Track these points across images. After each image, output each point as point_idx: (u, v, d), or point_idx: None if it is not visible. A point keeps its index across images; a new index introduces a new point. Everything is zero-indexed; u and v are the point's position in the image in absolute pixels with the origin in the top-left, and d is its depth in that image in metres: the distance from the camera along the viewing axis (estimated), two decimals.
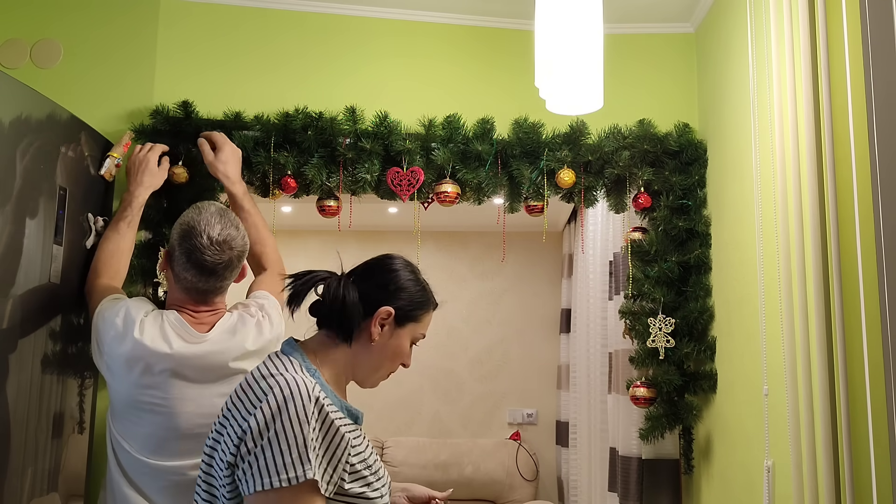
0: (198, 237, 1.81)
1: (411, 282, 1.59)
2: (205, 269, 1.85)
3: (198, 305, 1.98)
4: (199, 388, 1.94)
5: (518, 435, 4.91)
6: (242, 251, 1.96)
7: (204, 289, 1.91)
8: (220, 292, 1.99)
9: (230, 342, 2.00)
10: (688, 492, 2.78)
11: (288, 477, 1.23)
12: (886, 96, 1.41)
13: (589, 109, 2.18)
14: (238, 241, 1.92)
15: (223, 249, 1.86)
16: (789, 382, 1.93)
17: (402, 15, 2.89)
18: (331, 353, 1.50)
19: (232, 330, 2.02)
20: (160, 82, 2.73)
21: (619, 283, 2.99)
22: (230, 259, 1.90)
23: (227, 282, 1.97)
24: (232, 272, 1.93)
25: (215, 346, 1.98)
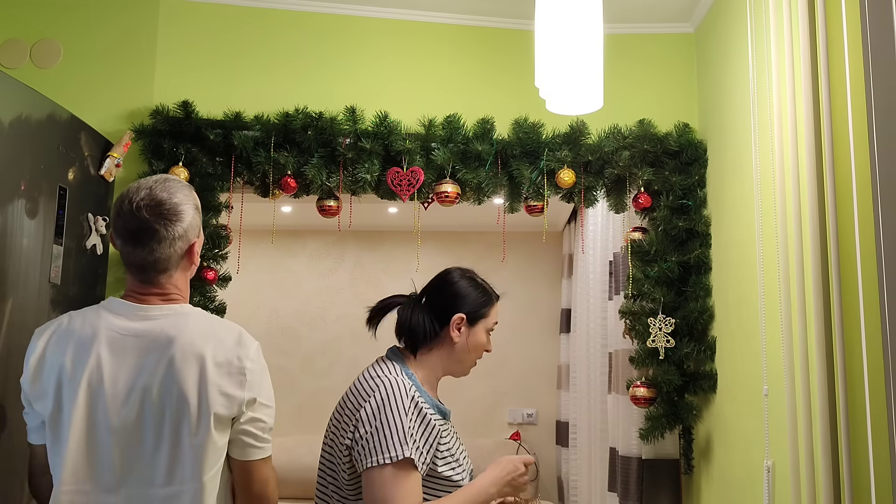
0: (121, 202, 1.54)
1: (471, 287, 1.91)
2: (127, 237, 1.54)
3: (141, 286, 1.59)
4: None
5: (518, 435, 4.91)
6: (175, 218, 1.54)
7: (134, 262, 1.56)
8: (159, 270, 1.57)
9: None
10: (688, 492, 2.78)
11: (391, 455, 1.61)
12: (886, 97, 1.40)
13: (589, 109, 2.18)
14: (168, 206, 1.54)
15: (143, 214, 1.51)
16: (789, 383, 1.93)
17: (402, 15, 2.89)
18: (424, 358, 1.86)
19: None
20: (160, 82, 2.73)
21: (619, 283, 2.99)
22: (151, 227, 1.52)
23: (162, 255, 1.55)
24: (161, 243, 1.53)
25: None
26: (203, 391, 1.49)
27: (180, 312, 1.58)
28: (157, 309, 1.57)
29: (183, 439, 1.49)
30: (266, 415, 1.58)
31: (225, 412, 1.50)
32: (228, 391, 1.51)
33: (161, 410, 1.49)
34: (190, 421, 1.48)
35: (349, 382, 2.10)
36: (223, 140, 2.63)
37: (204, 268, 2.60)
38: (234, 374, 1.52)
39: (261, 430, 1.57)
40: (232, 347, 1.54)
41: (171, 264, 1.59)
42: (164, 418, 1.49)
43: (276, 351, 5.03)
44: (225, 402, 1.50)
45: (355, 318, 5.06)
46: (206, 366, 1.50)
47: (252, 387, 1.54)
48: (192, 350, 1.51)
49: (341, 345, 5.06)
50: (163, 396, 1.49)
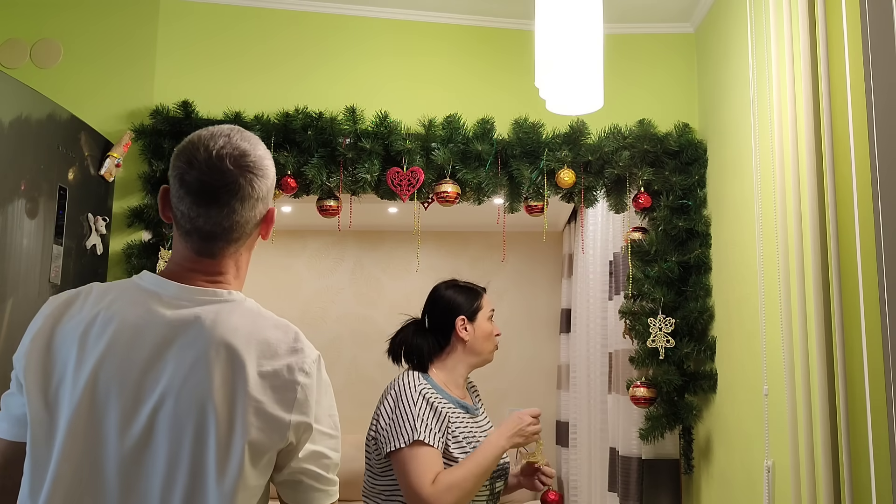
0: (194, 150, 1.21)
1: (457, 293, 2.18)
2: (202, 193, 1.19)
3: (197, 260, 1.24)
4: None
5: None
6: (260, 173, 1.24)
7: (202, 228, 1.21)
8: (232, 239, 1.24)
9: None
10: (688, 492, 2.78)
11: (405, 439, 1.89)
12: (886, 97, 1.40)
13: (589, 109, 2.18)
14: (253, 157, 1.23)
15: (226, 164, 1.20)
16: (789, 383, 1.93)
17: (402, 15, 2.89)
18: (441, 364, 2.12)
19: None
20: (160, 82, 2.73)
21: (619, 283, 2.99)
22: (236, 181, 1.20)
23: (241, 219, 1.23)
24: (244, 203, 1.21)
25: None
26: (235, 407, 1.12)
27: (228, 299, 1.21)
28: (202, 293, 1.21)
29: (205, 476, 1.11)
30: (329, 447, 1.21)
31: (263, 439, 1.13)
32: (270, 410, 1.13)
33: (178, 432, 1.11)
34: (216, 449, 1.11)
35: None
36: None
37: None
38: (280, 389, 1.15)
39: (324, 468, 1.21)
40: (284, 353, 1.18)
41: (246, 232, 1.26)
42: (181, 443, 1.11)
43: None
44: (263, 425, 1.13)
45: (355, 318, 5.06)
46: (245, 374, 1.14)
47: (303, 407, 1.16)
48: (229, 351, 1.15)
49: (341, 345, 5.06)
50: (184, 413, 1.12)
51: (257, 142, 1.27)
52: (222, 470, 1.11)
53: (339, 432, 1.24)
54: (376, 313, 5.08)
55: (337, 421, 1.24)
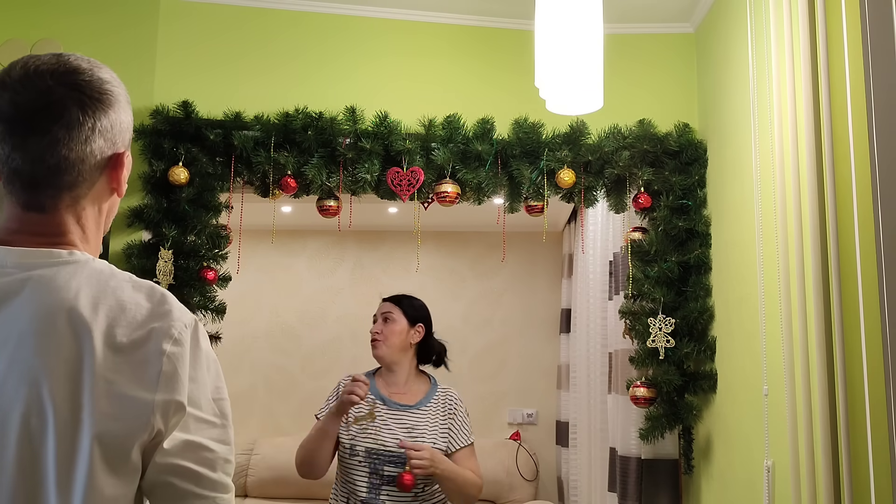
0: (10, 68, 0.95)
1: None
2: (15, 121, 0.91)
3: (24, 215, 0.96)
4: None
5: (518, 435, 4.91)
6: (99, 97, 0.98)
7: (18, 169, 0.93)
8: (62, 189, 0.95)
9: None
10: (688, 492, 2.78)
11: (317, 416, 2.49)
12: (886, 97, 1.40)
13: (589, 109, 2.18)
14: (88, 77, 0.98)
15: (46, 81, 0.93)
16: (789, 383, 1.93)
17: (402, 15, 2.89)
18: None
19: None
20: (160, 82, 2.73)
21: (619, 283, 2.99)
22: (60, 101, 0.93)
23: (71, 155, 0.94)
24: (72, 132, 0.93)
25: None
26: (81, 391, 0.85)
27: (68, 260, 0.93)
28: (33, 254, 0.92)
29: (42, 486, 0.83)
30: (212, 437, 0.92)
31: (119, 430, 0.86)
32: (127, 391, 0.87)
33: (1, 432, 0.84)
34: (56, 449, 0.84)
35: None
36: (223, 140, 2.63)
37: (204, 268, 2.60)
38: (139, 364, 0.88)
39: (205, 464, 0.91)
40: (145, 319, 0.90)
41: (83, 177, 0.95)
42: (5, 447, 0.84)
43: (276, 351, 5.03)
44: (118, 411, 0.86)
45: (355, 318, 5.06)
46: (92, 347, 0.86)
47: (171, 383, 0.89)
48: (70, 320, 0.87)
49: (341, 345, 5.06)
50: (7, 404, 0.84)
51: (103, 67, 1.04)
52: (66, 477, 0.83)
53: (228, 420, 0.95)
54: None
55: (225, 407, 0.95)
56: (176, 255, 2.54)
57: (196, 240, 2.58)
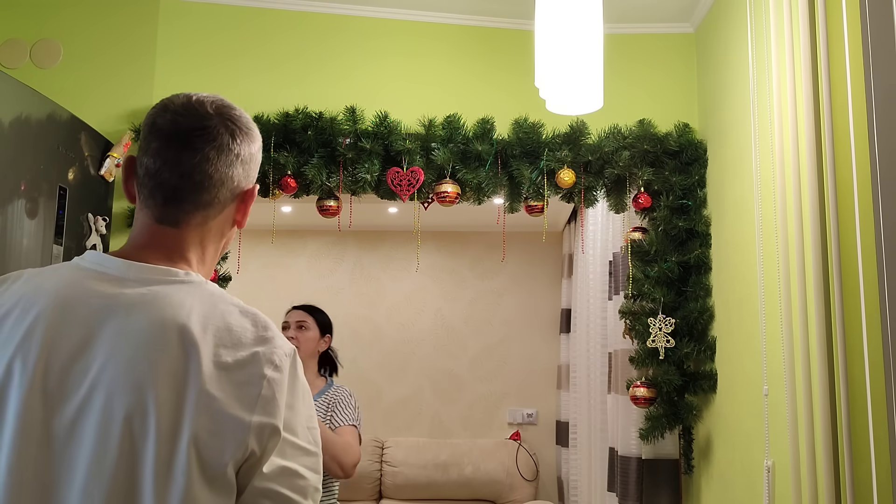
0: (171, 98, 1.06)
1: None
2: (171, 136, 1.01)
3: (155, 228, 1.04)
4: None
5: (518, 435, 4.91)
6: (246, 131, 1.08)
7: (171, 183, 1.01)
8: (199, 206, 1.03)
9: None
10: (688, 492, 2.78)
11: None
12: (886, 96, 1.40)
13: (589, 109, 2.18)
14: (239, 114, 1.09)
15: (206, 109, 1.04)
16: (789, 382, 1.93)
17: (402, 15, 2.89)
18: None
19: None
20: (160, 82, 2.73)
21: (619, 283, 2.99)
22: (216, 127, 1.03)
23: (213, 177, 1.03)
24: (221, 155, 1.03)
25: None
26: (184, 404, 0.89)
27: (185, 280, 0.99)
28: (155, 270, 0.99)
29: (140, 490, 0.87)
30: (305, 465, 0.95)
31: (217, 446, 0.90)
32: (227, 409, 0.90)
33: (105, 436, 0.88)
34: (155, 457, 0.87)
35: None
36: None
37: None
38: (241, 385, 0.92)
39: (297, 491, 0.94)
40: (249, 343, 0.95)
41: (219, 199, 1.04)
42: (107, 449, 0.88)
43: None
44: (217, 427, 0.89)
45: (355, 318, 5.06)
46: (199, 364, 0.91)
47: (269, 406, 0.92)
48: (181, 337, 0.92)
49: (341, 345, 5.04)
50: (115, 406, 0.89)
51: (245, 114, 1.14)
52: (163, 481, 0.86)
53: (319, 449, 0.98)
54: (376, 313, 5.08)
55: (317, 436, 0.99)
56: None
57: None
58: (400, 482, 4.58)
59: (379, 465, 4.65)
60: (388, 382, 5.03)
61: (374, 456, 4.65)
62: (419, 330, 5.06)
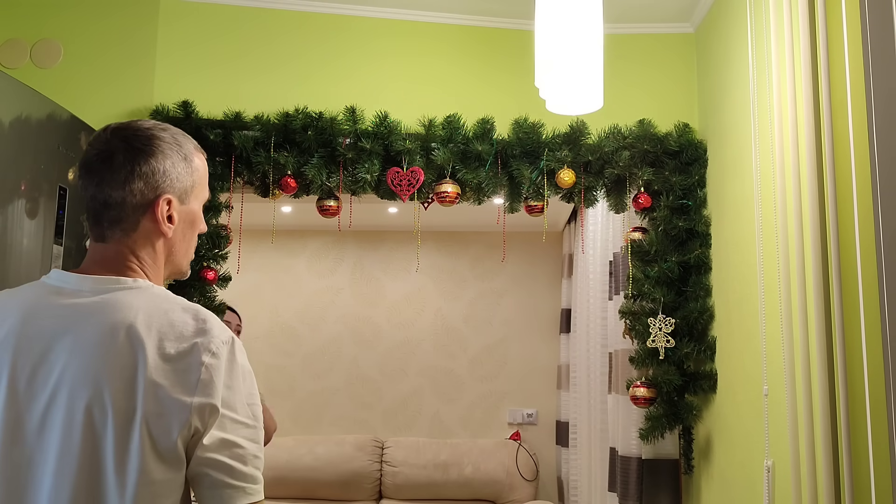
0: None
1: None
2: (83, 165, 1.17)
3: (95, 249, 1.20)
4: None
5: (518, 435, 4.91)
6: (144, 148, 1.17)
7: (90, 207, 1.18)
8: (114, 224, 1.17)
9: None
10: (688, 492, 2.78)
11: None
12: (886, 96, 1.40)
13: (589, 109, 2.18)
14: (142, 134, 1.18)
15: (107, 135, 1.17)
16: (789, 382, 1.93)
17: (402, 15, 2.89)
18: None
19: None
20: (160, 82, 2.73)
21: (619, 283, 2.99)
22: (108, 149, 1.16)
23: (113, 196, 1.15)
24: (115, 174, 1.14)
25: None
26: (135, 393, 1.04)
27: (132, 286, 1.14)
28: (105, 280, 1.14)
29: (103, 469, 1.03)
30: (244, 436, 1.09)
31: (164, 426, 1.04)
32: (171, 394, 1.05)
33: (70, 426, 1.04)
34: (114, 440, 1.03)
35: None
36: (223, 140, 2.63)
37: (204, 268, 2.60)
38: (182, 372, 1.06)
39: (237, 459, 1.08)
40: (189, 335, 1.09)
41: (126, 213, 1.16)
42: (72, 437, 1.03)
43: (276, 351, 5.03)
44: (163, 409, 1.04)
45: (355, 318, 5.06)
46: (145, 357, 1.05)
47: (207, 388, 1.06)
48: (128, 334, 1.07)
49: (341, 345, 5.06)
50: (77, 398, 1.04)
51: (167, 130, 1.23)
52: (121, 462, 1.02)
53: (258, 423, 1.11)
54: (376, 313, 5.08)
55: (257, 411, 1.12)
56: None
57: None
58: (400, 482, 4.58)
59: (379, 465, 4.65)
60: (388, 382, 5.03)
61: (373, 456, 4.65)
62: (419, 330, 5.06)
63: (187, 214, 1.23)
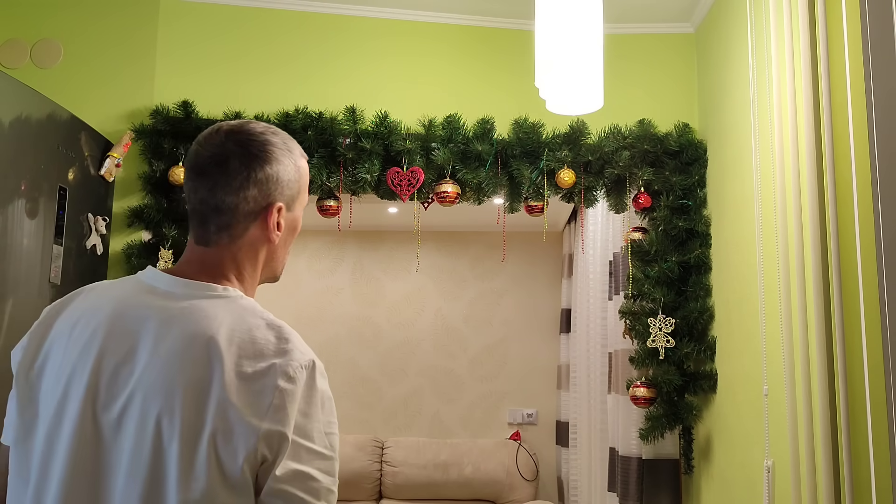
0: (204, 133, 1.18)
1: None
2: (192, 166, 1.14)
3: (194, 249, 1.17)
4: None
5: (518, 435, 4.91)
6: (261, 154, 1.14)
7: (198, 209, 1.14)
8: (221, 229, 1.14)
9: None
10: (688, 492, 2.78)
11: None
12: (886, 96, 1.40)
13: (589, 109, 2.18)
14: (258, 139, 1.15)
15: (221, 137, 1.14)
16: (789, 382, 1.93)
17: (402, 15, 2.89)
18: None
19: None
20: (160, 82, 2.73)
21: (619, 283, 2.99)
22: (223, 153, 1.13)
23: (225, 201, 1.13)
24: (231, 179, 1.12)
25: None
26: (206, 410, 0.99)
27: (222, 295, 1.11)
28: (196, 286, 1.11)
29: (165, 485, 0.98)
30: (318, 468, 1.02)
31: (232, 449, 0.98)
32: (242, 416, 0.99)
33: (141, 433, 1.00)
34: (179, 455, 0.98)
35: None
36: None
37: None
38: (257, 393, 1.00)
39: (310, 492, 1.01)
40: (269, 355, 1.04)
41: (237, 219, 1.13)
42: (142, 445, 1.00)
43: None
44: (233, 432, 0.99)
45: (355, 318, 5.06)
46: (222, 373, 1.00)
47: (278, 415, 1.00)
48: (208, 347, 1.02)
49: (340, 345, 5.06)
50: (151, 404, 1.01)
51: (278, 133, 1.18)
52: (186, 480, 0.97)
53: (335, 453, 1.04)
54: (376, 313, 5.08)
55: (335, 441, 1.05)
56: (176, 256, 2.54)
57: None
58: (400, 482, 4.58)
59: (379, 465, 4.65)
60: (388, 382, 5.03)
61: (373, 456, 4.65)
62: (419, 330, 5.06)
63: (292, 221, 1.21)
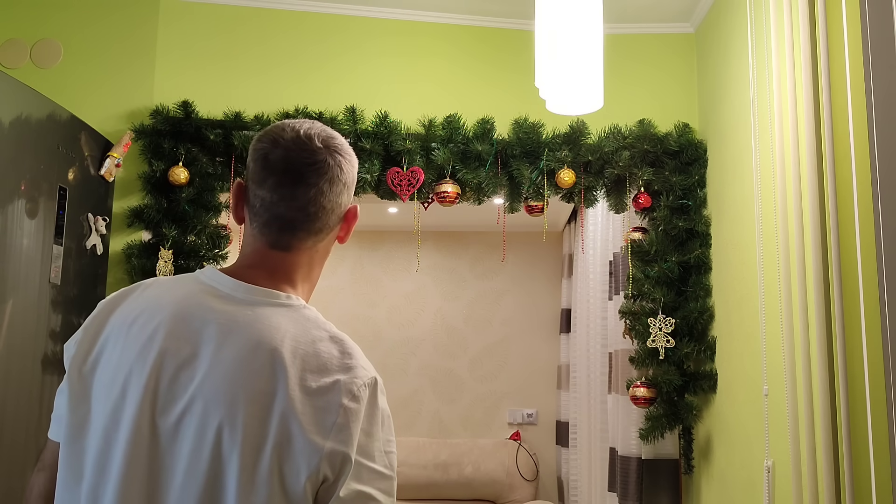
0: (279, 131, 1.11)
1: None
2: (286, 172, 1.08)
3: (267, 253, 1.13)
4: None
5: (518, 435, 4.91)
6: (348, 157, 1.15)
7: (280, 214, 1.10)
8: (311, 233, 1.12)
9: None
10: (688, 492, 2.78)
11: None
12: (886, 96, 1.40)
13: (589, 109, 2.17)
14: (340, 141, 1.14)
15: (315, 143, 1.10)
16: (789, 382, 1.93)
17: (402, 15, 2.89)
18: None
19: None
20: (160, 82, 2.73)
21: (619, 283, 2.99)
22: (325, 160, 1.10)
23: (326, 204, 1.12)
24: (332, 185, 1.11)
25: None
26: (269, 423, 0.97)
27: (285, 303, 1.08)
28: (259, 292, 1.08)
29: (225, 496, 0.96)
30: (380, 489, 1.01)
31: (294, 467, 0.97)
32: (305, 433, 0.97)
33: (200, 441, 0.98)
34: (239, 469, 0.96)
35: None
36: (223, 140, 2.63)
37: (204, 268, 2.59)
38: (320, 410, 0.98)
39: None
40: (333, 370, 1.02)
41: (329, 224, 1.13)
42: (200, 455, 0.98)
43: None
44: (295, 449, 0.97)
45: (355, 318, 5.06)
46: (286, 387, 0.98)
47: (342, 435, 0.99)
48: (272, 358, 1.00)
49: None
50: (211, 413, 0.98)
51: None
52: (245, 492, 0.95)
53: (394, 473, 1.03)
54: (376, 313, 5.08)
55: (393, 460, 1.04)
56: (176, 256, 2.54)
57: (196, 240, 2.58)
58: (400, 482, 4.58)
59: None
60: (388, 382, 5.02)
61: None
62: (419, 330, 5.06)
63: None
